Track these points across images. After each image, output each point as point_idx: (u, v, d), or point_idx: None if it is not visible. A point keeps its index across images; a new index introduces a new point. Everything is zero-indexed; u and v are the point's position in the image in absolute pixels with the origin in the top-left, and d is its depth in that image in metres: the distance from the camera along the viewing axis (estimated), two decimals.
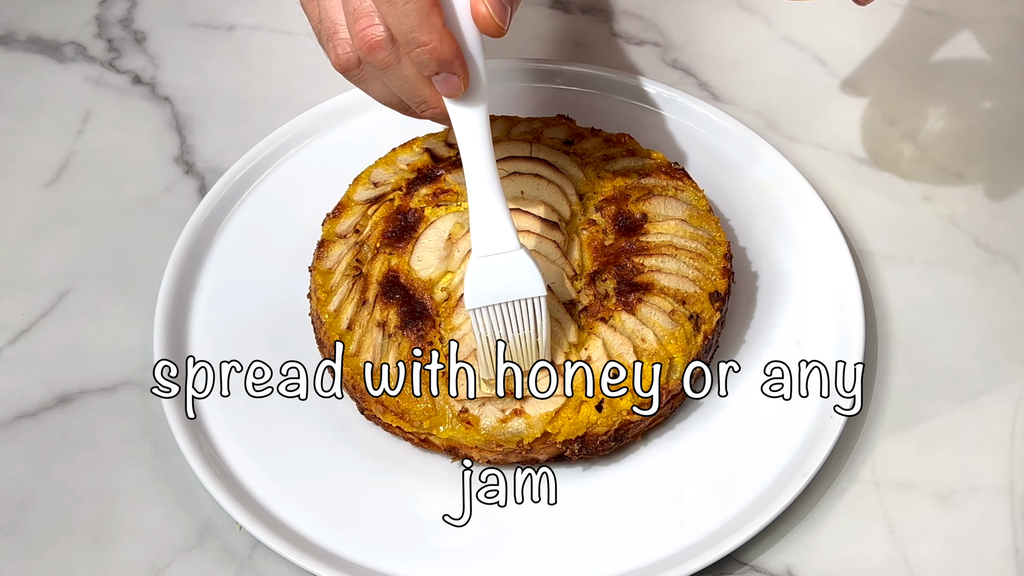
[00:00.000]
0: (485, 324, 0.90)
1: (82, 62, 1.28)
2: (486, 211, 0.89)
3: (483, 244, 0.89)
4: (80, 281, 1.09)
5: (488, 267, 0.89)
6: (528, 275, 0.89)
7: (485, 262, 0.89)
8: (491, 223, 0.89)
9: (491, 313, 0.90)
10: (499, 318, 0.90)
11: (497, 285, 0.89)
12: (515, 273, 0.89)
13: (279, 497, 0.93)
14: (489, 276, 0.89)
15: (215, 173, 1.16)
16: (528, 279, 0.89)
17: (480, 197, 0.89)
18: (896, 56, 1.25)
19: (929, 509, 0.94)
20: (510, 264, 0.89)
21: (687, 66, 1.26)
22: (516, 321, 0.90)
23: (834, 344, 0.99)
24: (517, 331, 0.90)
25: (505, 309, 0.90)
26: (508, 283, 0.89)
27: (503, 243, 0.89)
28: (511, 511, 0.93)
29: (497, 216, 0.89)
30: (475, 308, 0.89)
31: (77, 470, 0.97)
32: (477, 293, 0.89)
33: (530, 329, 0.90)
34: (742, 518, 0.91)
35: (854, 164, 1.17)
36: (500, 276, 0.89)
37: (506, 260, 0.89)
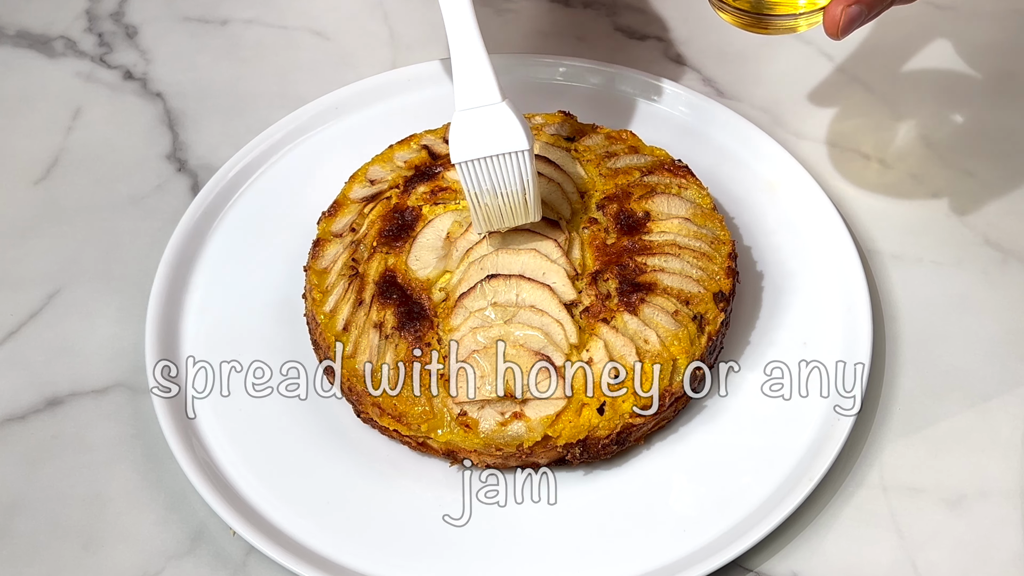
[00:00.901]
0: (473, 179, 0.91)
1: (72, 57, 1.28)
2: (469, 63, 0.90)
3: (466, 97, 0.91)
4: (70, 281, 1.09)
5: (471, 120, 0.91)
6: (511, 129, 0.90)
7: (468, 115, 0.91)
8: (474, 75, 0.90)
9: (478, 168, 0.91)
10: (486, 173, 0.91)
11: (481, 138, 0.90)
12: (499, 126, 0.90)
13: (274, 502, 0.93)
14: (473, 129, 0.91)
15: (208, 170, 1.16)
16: (512, 133, 0.90)
17: (462, 49, 0.90)
18: (905, 51, 1.25)
19: (938, 514, 0.94)
20: (493, 117, 0.90)
21: (691, 61, 1.26)
22: (503, 176, 0.91)
23: (841, 345, 0.99)
24: (505, 187, 0.91)
25: (491, 164, 0.91)
26: (492, 137, 0.90)
27: (486, 96, 0.90)
28: (511, 517, 0.93)
29: (480, 68, 0.90)
30: (461, 162, 0.91)
31: (67, 474, 0.97)
32: (461, 147, 0.91)
33: (517, 186, 0.91)
34: (747, 523, 0.91)
35: (862, 161, 1.17)
36: (484, 129, 0.90)
37: (489, 113, 0.90)
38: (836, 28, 0.88)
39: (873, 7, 0.88)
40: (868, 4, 0.87)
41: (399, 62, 1.26)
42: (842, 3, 0.87)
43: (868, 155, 1.17)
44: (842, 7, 0.87)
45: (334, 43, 1.29)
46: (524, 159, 0.91)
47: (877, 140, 1.18)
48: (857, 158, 1.17)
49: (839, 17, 0.87)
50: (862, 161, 1.17)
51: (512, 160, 0.91)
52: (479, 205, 0.92)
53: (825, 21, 0.88)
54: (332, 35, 1.30)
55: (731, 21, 0.96)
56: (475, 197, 0.92)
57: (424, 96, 1.18)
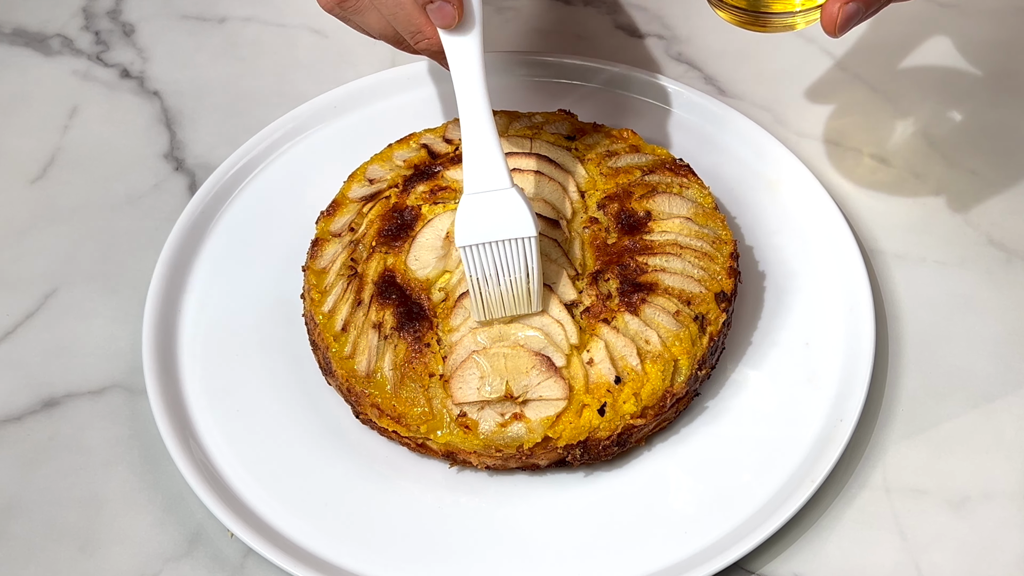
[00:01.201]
0: (476, 264, 0.91)
1: (69, 55, 1.28)
2: (479, 147, 0.91)
3: (475, 181, 0.91)
4: (66, 281, 1.09)
5: (479, 204, 0.91)
6: (519, 215, 0.90)
7: (476, 199, 0.91)
8: (484, 160, 0.91)
9: (482, 253, 0.91)
10: (490, 259, 0.91)
11: (488, 223, 0.90)
12: (506, 212, 0.91)
13: (272, 504, 0.93)
14: (480, 214, 0.91)
15: (206, 169, 1.16)
16: (519, 219, 0.90)
17: (473, 133, 0.91)
18: (907, 49, 1.25)
19: (942, 516, 0.94)
20: (501, 203, 0.91)
21: (692, 59, 1.26)
22: (507, 263, 0.91)
23: (844, 346, 0.99)
24: (508, 275, 0.91)
25: (496, 249, 0.91)
26: (499, 222, 0.91)
27: (495, 181, 0.91)
28: (511, 519, 0.93)
29: (490, 153, 0.91)
30: (465, 246, 0.90)
31: (63, 476, 0.97)
32: (467, 230, 0.91)
33: (521, 273, 0.91)
34: (749, 525, 0.91)
35: (864, 160, 1.17)
36: (491, 214, 0.91)
37: (497, 198, 0.91)
38: (834, 26, 0.88)
39: (871, 4, 0.88)
40: (865, 1, 0.87)
41: (398, 60, 1.26)
42: (839, 0, 0.87)
43: (871, 154, 1.17)
44: (839, 4, 0.87)
45: (333, 41, 1.29)
46: (530, 246, 0.90)
47: (880, 138, 1.18)
48: (860, 157, 1.17)
49: (836, 14, 0.87)
50: (865, 160, 1.17)
51: (518, 247, 0.91)
52: (480, 292, 0.92)
53: (823, 18, 0.88)
54: (331, 33, 1.30)
55: (729, 19, 0.96)
56: (477, 283, 0.91)
57: (423, 94, 1.18)
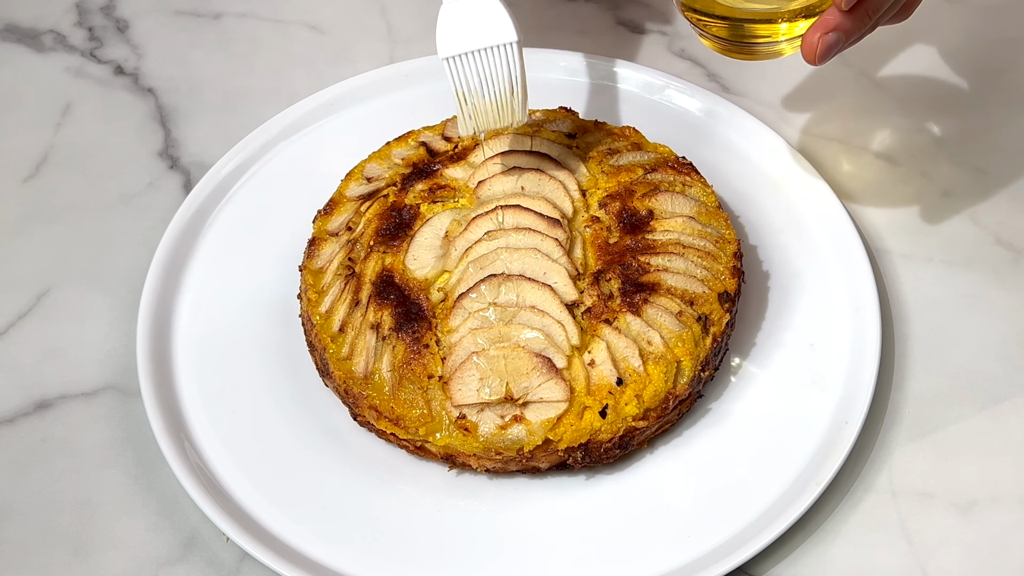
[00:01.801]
0: (461, 75, 0.91)
1: (62, 52, 1.28)
2: None
3: None
4: (59, 281, 1.09)
5: (458, 12, 0.91)
6: (500, 20, 0.90)
7: (455, 7, 0.91)
8: None
9: (466, 63, 0.91)
10: (474, 69, 0.91)
11: (469, 31, 0.90)
12: (487, 19, 0.90)
13: (268, 507, 0.93)
14: (460, 22, 0.91)
15: (201, 168, 1.16)
16: (500, 25, 0.90)
17: None
18: (915, 45, 1.25)
19: (949, 520, 0.94)
20: (481, 9, 0.91)
21: (695, 56, 1.26)
22: (492, 72, 0.91)
23: (849, 347, 0.99)
24: (493, 84, 0.91)
25: (479, 58, 0.91)
26: (480, 30, 0.90)
27: None
28: (511, 523, 0.93)
29: None
30: (448, 57, 0.90)
31: (56, 479, 0.97)
32: (449, 40, 0.90)
33: (505, 81, 0.91)
34: (753, 529, 0.91)
35: (870, 158, 1.17)
36: (472, 22, 0.90)
37: (476, 5, 0.91)
38: (813, 55, 0.89)
39: (851, 34, 0.88)
40: (847, 31, 0.87)
41: (397, 57, 1.26)
42: (820, 30, 0.87)
43: (877, 152, 1.17)
44: (819, 34, 0.87)
45: (330, 37, 1.29)
46: (513, 52, 0.91)
47: (886, 137, 1.19)
48: (866, 155, 1.17)
49: (816, 44, 0.88)
50: (871, 158, 1.17)
51: (501, 54, 0.91)
52: (466, 104, 0.92)
53: (803, 48, 0.89)
54: (328, 29, 1.30)
55: (714, 48, 0.97)
56: (462, 95, 0.92)
57: (422, 92, 1.18)
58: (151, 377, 0.98)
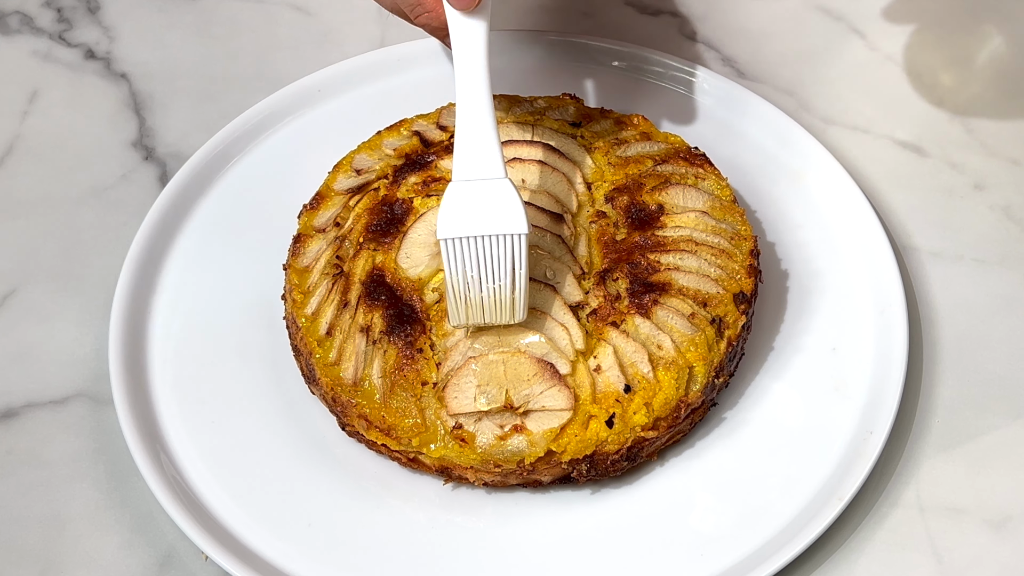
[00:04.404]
0: (457, 262, 0.90)
1: (28, 34, 1.28)
2: (473, 133, 0.90)
3: (465, 167, 0.90)
4: (26, 281, 1.09)
5: (467, 193, 0.90)
6: (510, 208, 0.89)
7: (464, 187, 0.90)
8: (477, 146, 0.90)
9: (465, 248, 0.90)
10: (473, 256, 0.90)
11: (475, 215, 0.89)
12: (496, 204, 0.90)
13: (250, 523, 0.93)
14: (467, 204, 0.90)
15: (178, 159, 1.16)
16: (509, 213, 0.89)
17: (469, 117, 0.90)
18: (944, 27, 1.26)
19: (981, 537, 0.94)
20: (492, 193, 0.90)
21: (709, 39, 1.26)
22: (492, 263, 0.90)
23: (874, 351, 1.00)
24: (492, 277, 0.90)
25: (481, 245, 0.90)
26: (487, 215, 0.89)
27: (488, 169, 0.90)
28: (511, 541, 0.93)
29: (485, 140, 0.90)
30: (447, 239, 0.89)
31: (23, 493, 0.97)
32: (451, 221, 0.89)
33: (506, 276, 0.90)
34: (770, 548, 0.91)
35: (896, 149, 1.17)
36: (479, 205, 0.90)
37: (488, 188, 0.90)
38: None
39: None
40: None
41: (388, 40, 1.26)
42: None
43: (903, 142, 1.17)
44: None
45: (317, 19, 1.29)
46: (520, 245, 0.89)
47: (913, 126, 1.19)
48: (891, 146, 1.17)
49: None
50: (897, 149, 1.17)
51: (505, 245, 0.89)
52: (459, 291, 0.90)
53: None
54: (315, 10, 1.30)
55: None
56: (455, 284, 0.90)
57: (415, 78, 1.18)
58: (124, 384, 0.98)
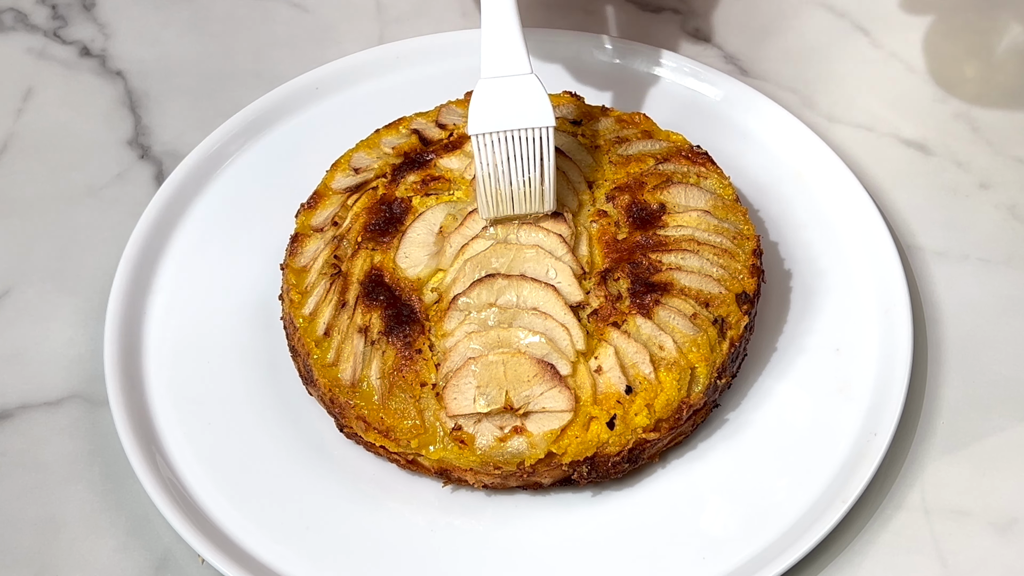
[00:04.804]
0: (487, 155, 0.94)
1: (23, 31, 1.28)
2: (499, 30, 0.94)
3: (493, 64, 0.94)
4: (20, 281, 1.09)
5: (495, 89, 0.94)
6: (537, 102, 0.93)
7: (493, 83, 0.94)
8: (504, 43, 0.94)
9: (494, 142, 0.93)
10: (503, 149, 0.93)
11: (503, 110, 0.93)
12: (524, 99, 0.94)
13: (247, 526, 0.93)
14: (496, 99, 0.94)
15: (174, 158, 1.16)
16: (537, 107, 0.93)
17: (494, 13, 0.94)
18: (949, 24, 1.26)
19: (986, 540, 0.94)
20: (519, 88, 0.94)
21: (711, 36, 1.26)
22: (521, 155, 0.93)
23: (878, 352, 1.00)
24: (521, 167, 0.94)
25: (510, 139, 0.93)
26: (515, 109, 0.93)
27: (514, 65, 0.94)
28: (511, 544, 0.93)
29: (511, 36, 0.94)
30: (478, 134, 0.93)
31: (17, 495, 0.97)
32: (482, 117, 0.93)
33: (535, 171, 0.94)
34: (773, 550, 0.91)
35: (901, 147, 1.17)
36: (507, 101, 0.94)
37: (516, 84, 0.94)
38: None
39: None
40: None
41: (387, 37, 1.26)
42: None
43: (908, 140, 1.17)
44: None
45: (314, 16, 1.29)
46: (547, 137, 0.93)
47: (918, 124, 1.19)
48: (896, 144, 1.17)
49: None
50: (901, 147, 1.17)
51: (534, 137, 0.93)
52: (489, 185, 0.94)
53: None
54: (312, 7, 1.30)
55: None
56: (486, 176, 0.94)
57: (414, 75, 1.18)
58: (120, 385, 0.98)
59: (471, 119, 0.93)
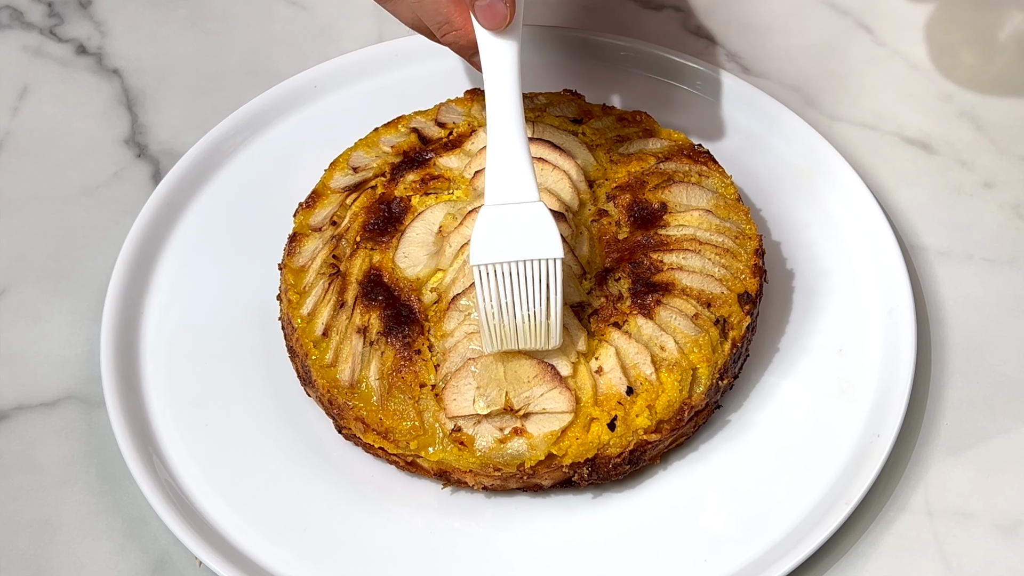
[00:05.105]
0: (490, 287, 0.89)
1: (18, 29, 1.28)
2: (505, 155, 0.91)
3: (498, 191, 0.90)
4: (16, 281, 1.09)
5: (500, 218, 0.90)
6: (545, 232, 0.89)
7: (497, 211, 0.90)
8: (510, 169, 0.91)
9: (498, 274, 0.89)
10: (507, 281, 0.89)
11: (509, 240, 0.89)
12: (530, 228, 0.90)
13: (245, 528, 0.93)
14: (501, 228, 0.90)
15: (171, 157, 1.16)
16: (544, 237, 0.89)
17: (500, 139, 0.91)
18: (953, 22, 1.25)
19: (990, 542, 0.94)
20: (526, 217, 0.90)
21: (713, 34, 1.26)
22: (526, 288, 0.89)
23: (881, 353, 0.99)
24: (527, 302, 0.89)
25: (515, 271, 0.89)
26: (521, 239, 0.89)
27: (520, 192, 0.90)
28: (511, 546, 0.93)
29: (518, 162, 0.91)
30: (480, 265, 0.89)
31: (13, 497, 0.97)
32: (485, 247, 0.89)
33: (540, 305, 0.90)
34: (776, 553, 0.91)
35: (905, 146, 1.17)
36: (513, 230, 0.90)
37: (522, 212, 0.90)
38: None
39: None
40: None
41: (385, 35, 1.26)
42: None
43: (912, 139, 1.17)
44: None
45: (312, 13, 1.29)
46: (555, 269, 0.89)
47: (922, 123, 1.19)
48: (899, 143, 1.17)
49: None
50: (905, 146, 1.17)
51: (540, 270, 0.89)
52: (491, 321, 0.90)
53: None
54: (310, 4, 1.30)
55: None
56: (488, 311, 0.90)
57: (413, 73, 1.18)
58: (116, 386, 0.98)
59: (473, 249, 0.89)
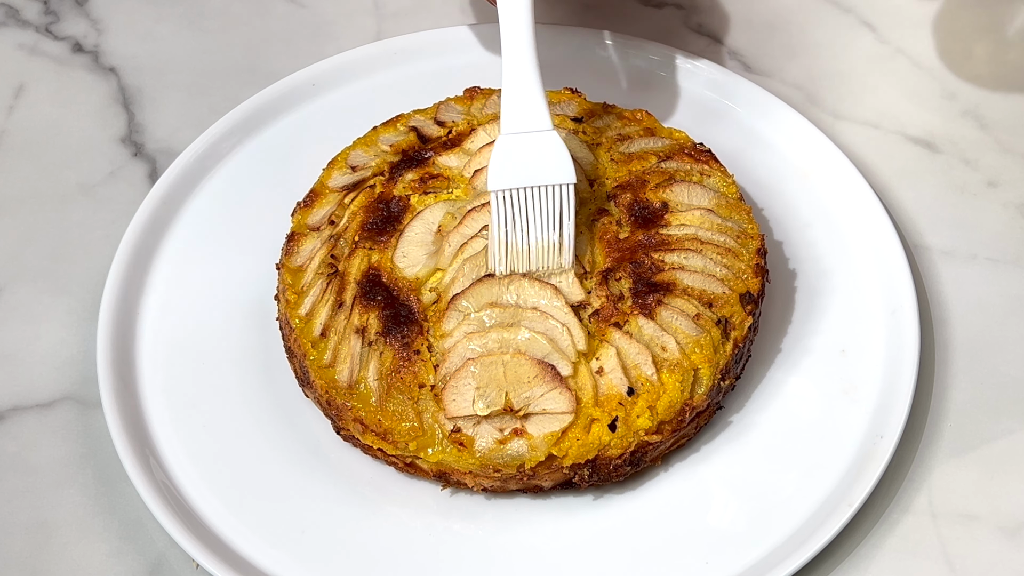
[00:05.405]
0: (504, 211, 0.94)
1: (14, 27, 1.28)
2: (520, 85, 0.95)
3: (513, 120, 0.95)
4: (11, 281, 1.09)
5: (516, 145, 0.94)
6: (558, 159, 0.94)
7: (513, 139, 0.94)
8: (524, 98, 0.95)
9: (513, 198, 0.94)
10: (521, 205, 0.94)
11: (523, 166, 0.94)
12: (544, 156, 0.94)
13: (242, 530, 0.93)
14: (516, 156, 0.94)
15: (168, 155, 1.16)
16: (557, 163, 0.94)
17: (515, 69, 0.95)
18: (957, 20, 1.25)
19: (994, 544, 0.94)
20: (540, 145, 0.94)
21: (714, 32, 1.26)
22: (540, 211, 0.94)
23: (884, 353, 0.99)
24: (539, 224, 0.94)
25: (529, 195, 0.94)
26: (536, 166, 0.94)
27: (535, 121, 0.95)
28: (510, 548, 0.93)
29: (531, 92, 0.95)
30: (497, 191, 0.93)
31: (8, 499, 0.97)
32: (501, 173, 0.94)
33: (553, 229, 0.94)
34: (778, 555, 0.91)
35: (908, 145, 1.17)
36: (527, 157, 0.94)
37: (536, 140, 0.95)
38: None
39: None
40: None
41: (384, 33, 1.26)
42: None
43: (915, 138, 1.17)
44: None
45: (310, 11, 1.29)
46: (567, 194, 0.94)
47: (925, 121, 1.19)
48: (902, 141, 1.17)
49: None
50: (908, 145, 1.17)
51: (553, 194, 0.94)
52: (504, 242, 0.94)
53: None
54: (308, 2, 1.30)
55: None
56: (502, 232, 0.94)
57: (412, 71, 1.18)
58: (113, 387, 0.98)
59: (491, 175, 0.94)
